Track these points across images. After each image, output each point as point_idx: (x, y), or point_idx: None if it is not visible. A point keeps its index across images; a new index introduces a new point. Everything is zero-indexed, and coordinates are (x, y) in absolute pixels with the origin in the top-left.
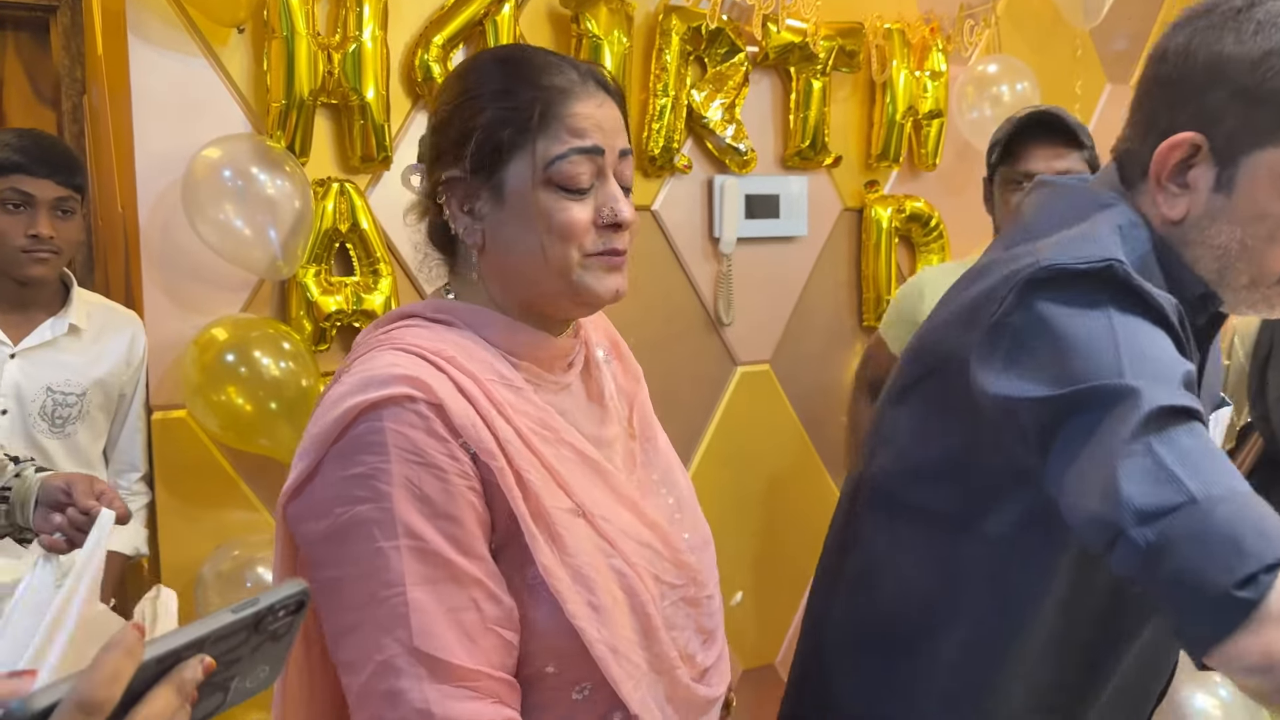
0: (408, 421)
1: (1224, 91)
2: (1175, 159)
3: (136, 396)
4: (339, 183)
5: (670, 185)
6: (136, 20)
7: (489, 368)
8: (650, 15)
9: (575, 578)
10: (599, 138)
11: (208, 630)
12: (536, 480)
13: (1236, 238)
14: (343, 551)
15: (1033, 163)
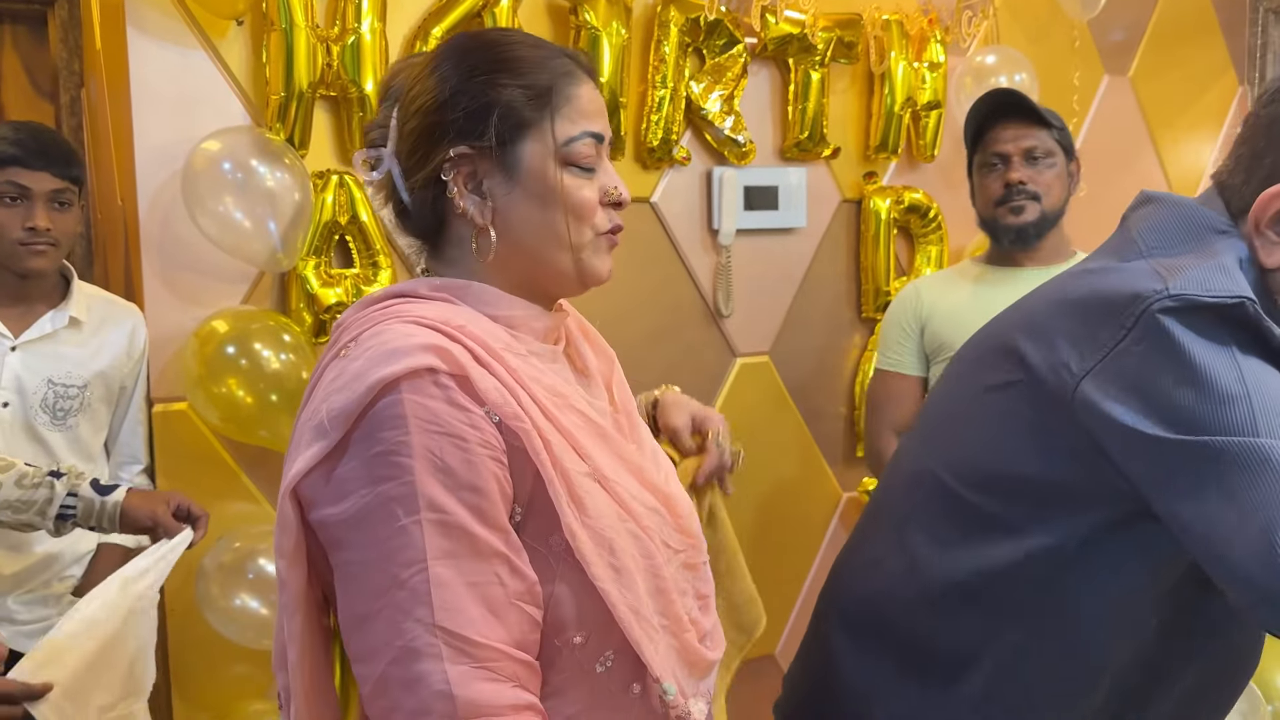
0: (427, 393)
1: None
2: (1274, 210)
3: (137, 389)
4: (338, 175)
5: (669, 177)
6: (135, 13)
7: (496, 337)
8: (649, 7)
9: (598, 540)
10: (601, 123)
11: None
12: (557, 444)
13: None
14: (366, 535)
15: (1001, 144)
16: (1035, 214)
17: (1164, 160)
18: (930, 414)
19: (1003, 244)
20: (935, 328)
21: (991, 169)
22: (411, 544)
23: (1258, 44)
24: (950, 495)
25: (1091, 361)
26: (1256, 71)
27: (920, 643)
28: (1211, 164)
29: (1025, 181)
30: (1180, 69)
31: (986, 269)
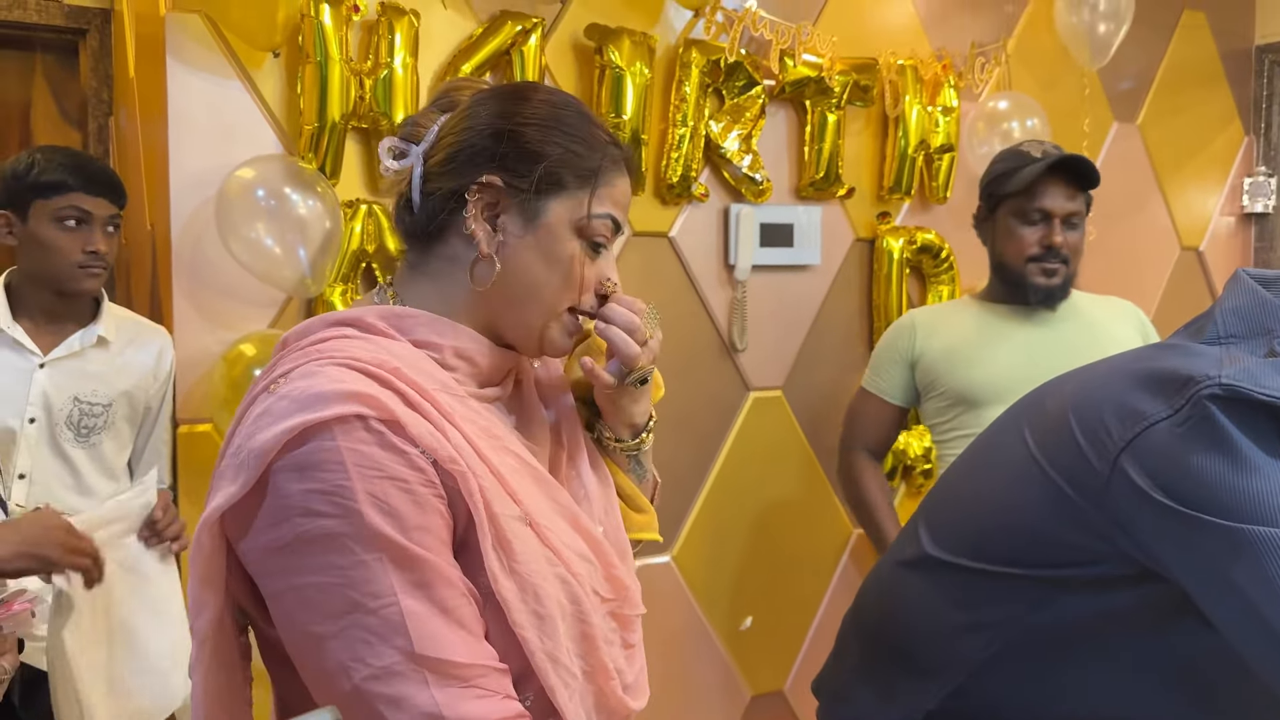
0: (361, 439)
1: None
2: None
3: (163, 410)
4: (367, 204)
5: (687, 213)
6: (175, 44)
7: (431, 378)
8: (671, 48)
9: (522, 586)
10: (624, 214)
11: None
12: (489, 487)
13: None
14: (309, 561)
15: (1050, 201)
16: (1063, 278)
17: (1171, 206)
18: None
19: (1029, 299)
20: (929, 363)
21: (1031, 223)
22: (374, 578)
23: (1263, 94)
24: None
25: (1131, 433)
26: (1262, 121)
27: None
28: (1218, 211)
29: (1063, 246)
30: (1187, 117)
31: (986, 307)
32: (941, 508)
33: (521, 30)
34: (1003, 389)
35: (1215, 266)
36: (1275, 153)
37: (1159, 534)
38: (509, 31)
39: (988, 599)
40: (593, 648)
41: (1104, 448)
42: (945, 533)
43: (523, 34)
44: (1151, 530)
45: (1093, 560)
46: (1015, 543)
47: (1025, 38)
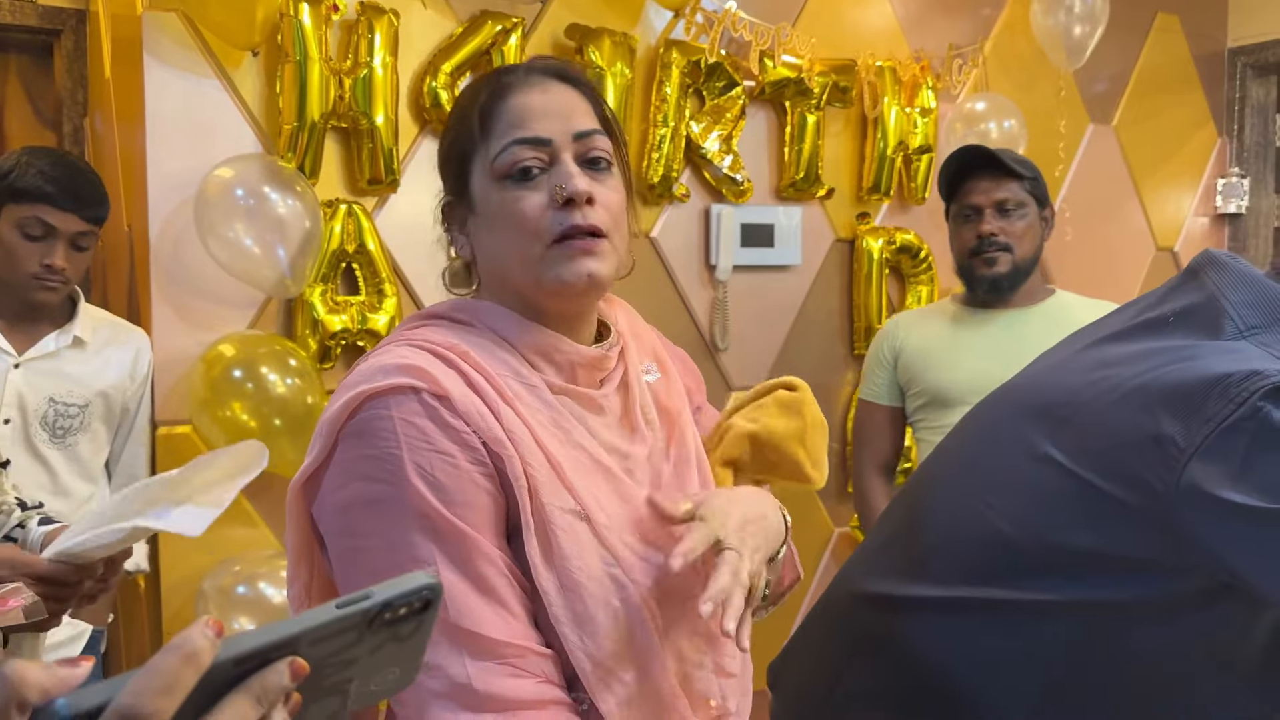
0: (413, 410)
1: None
2: None
3: (141, 411)
4: (347, 204)
5: (669, 213)
6: (152, 43)
7: (504, 365)
8: (651, 49)
9: (564, 580)
10: (543, 125)
11: (301, 629)
12: (540, 475)
13: None
14: (363, 523)
15: (974, 196)
16: (1008, 265)
17: (1146, 207)
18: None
19: (978, 293)
20: (906, 361)
21: (966, 220)
22: (416, 545)
23: (1236, 97)
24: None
25: (1198, 439)
26: (1235, 124)
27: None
28: (1193, 211)
29: (997, 233)
30: (1162, 119)
31: (963, 309)
32: (934, 537)
33: (502, 30)
34: (973, 388)
35: None
36: (1248, 154)
37: (1234, 538)
38: (489, 31)
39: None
40: (651, 661)
41: (1169, 457)
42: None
43: (503, 34)
44: (1226, 537)
45: (1157, 574)
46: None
47: (1002, 40)
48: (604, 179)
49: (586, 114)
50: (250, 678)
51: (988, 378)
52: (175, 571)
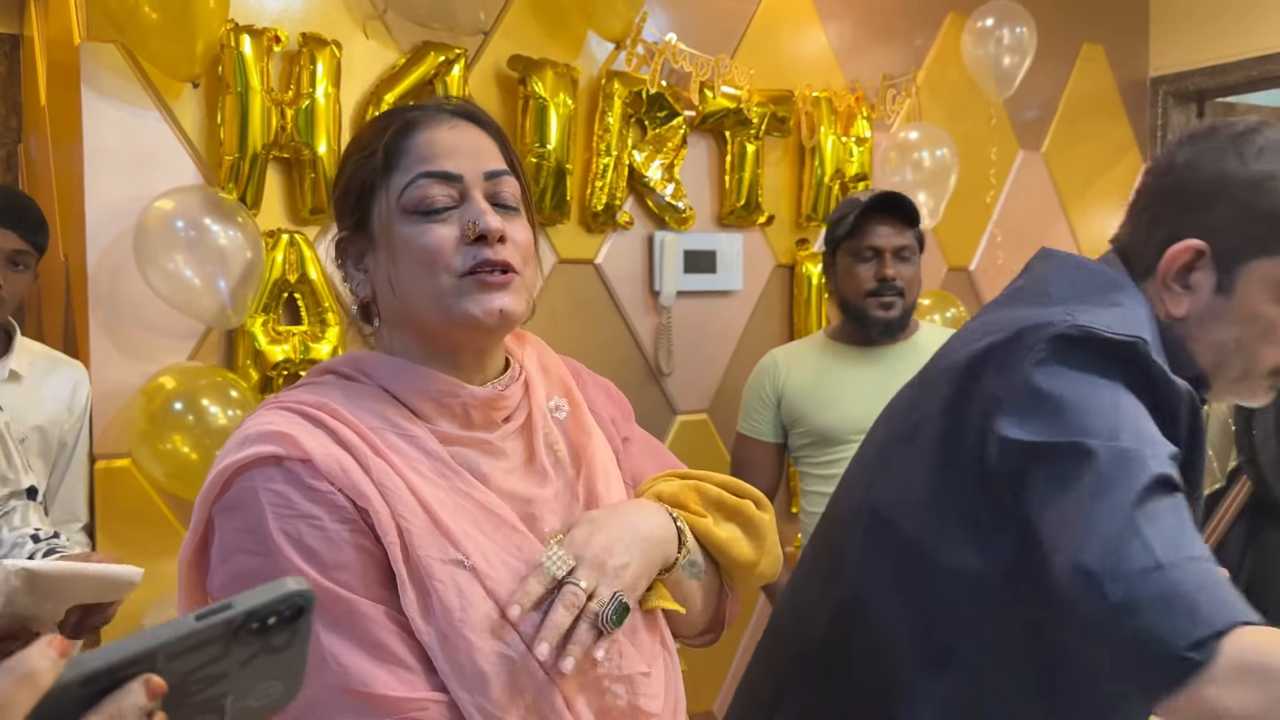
0: (277, 478)
1: (1226, 205)
2: (1180, 262)
3: (79, 446)
4: (289, 234)
5: (613, 240)
6: (90, 74)
7: (381, 418)
8: (594, 79)
9: (446, 634)
10: (452, 162)
11: (155, 643)
12: (416, 527)
13: (1234, 336)
14: None
15: (878, 239)
16: (900, 310)
17: (1075, 229)
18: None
19: (871, 333)
20: (790, 403)
21: (864, 260)
22: None
23: (1158, 124)
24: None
25: (1000, 385)
26: (1157, 149)
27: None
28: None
29: (896, 278)
30: (1088, 146)
31: (842, 347)
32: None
33: (444, 61)
34: (856, 427)
35: None
36: None
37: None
38: (432, 62)
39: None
40: (552, 708)
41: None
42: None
43: (445, 64)
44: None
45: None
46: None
47: (934, 70)
48: (515, 219)
49: (495, 155)
50: (102, 700)
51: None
52: None
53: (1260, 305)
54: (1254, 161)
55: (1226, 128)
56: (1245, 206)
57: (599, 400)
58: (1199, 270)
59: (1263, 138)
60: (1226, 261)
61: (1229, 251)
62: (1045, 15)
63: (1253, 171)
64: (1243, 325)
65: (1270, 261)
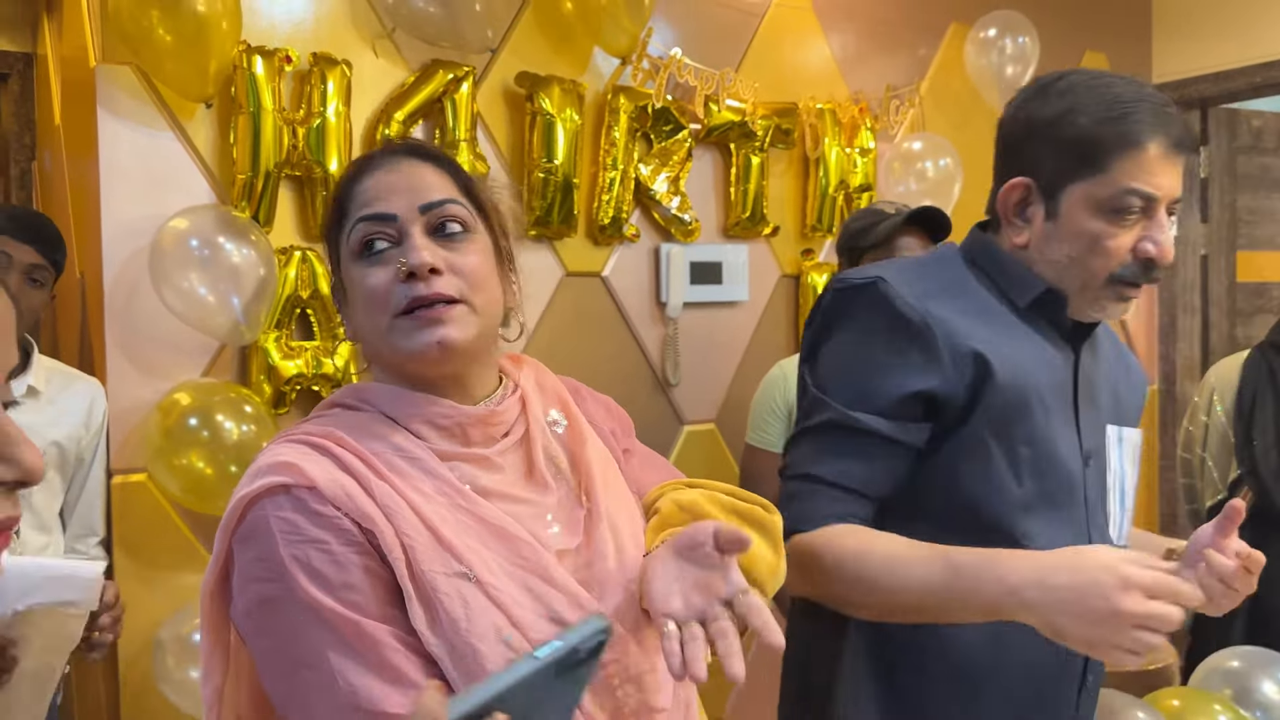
0: (287, 506)
1: (1039, 143)
2: (1014, 199)
3: (96, 461)
4: (301, 251)
5: (619, 253)
6: (106, 95)
7: (383, 441)
8: (600, 95)
9: (454, 647)
10: (387, 203)
11: (512, 681)
12: (419, 543)
13: (1066, 253)
14: (265, 623)
15: (908, 251)
16: None
17: None
18: None
19: None
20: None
21: None
22: (308, 639)
23: None
24: None
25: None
26: None
27: None
28: None
29: None
30: None
31: None
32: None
33: (453, 79)
34: None
35: None
36: None
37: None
38: (440, 80)
39: None
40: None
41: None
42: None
43: (454, 82)
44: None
45: None
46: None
47: (937, 80)
48: (459, 245)
49: (437, 186)
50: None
51: None
52: (132, 620)
53: (1083, 223)
54: (1056, 101)
55: (1037, 81)
56: (1053, 141)
57: (599, 415)
58: (1031, 204)
59: (1064, 82)
60: (1050, 190)
61: (1049, 182)
62: (1048, 24)
63: (1055, 109)
64: (1071, 243)
65: (1084, 183)
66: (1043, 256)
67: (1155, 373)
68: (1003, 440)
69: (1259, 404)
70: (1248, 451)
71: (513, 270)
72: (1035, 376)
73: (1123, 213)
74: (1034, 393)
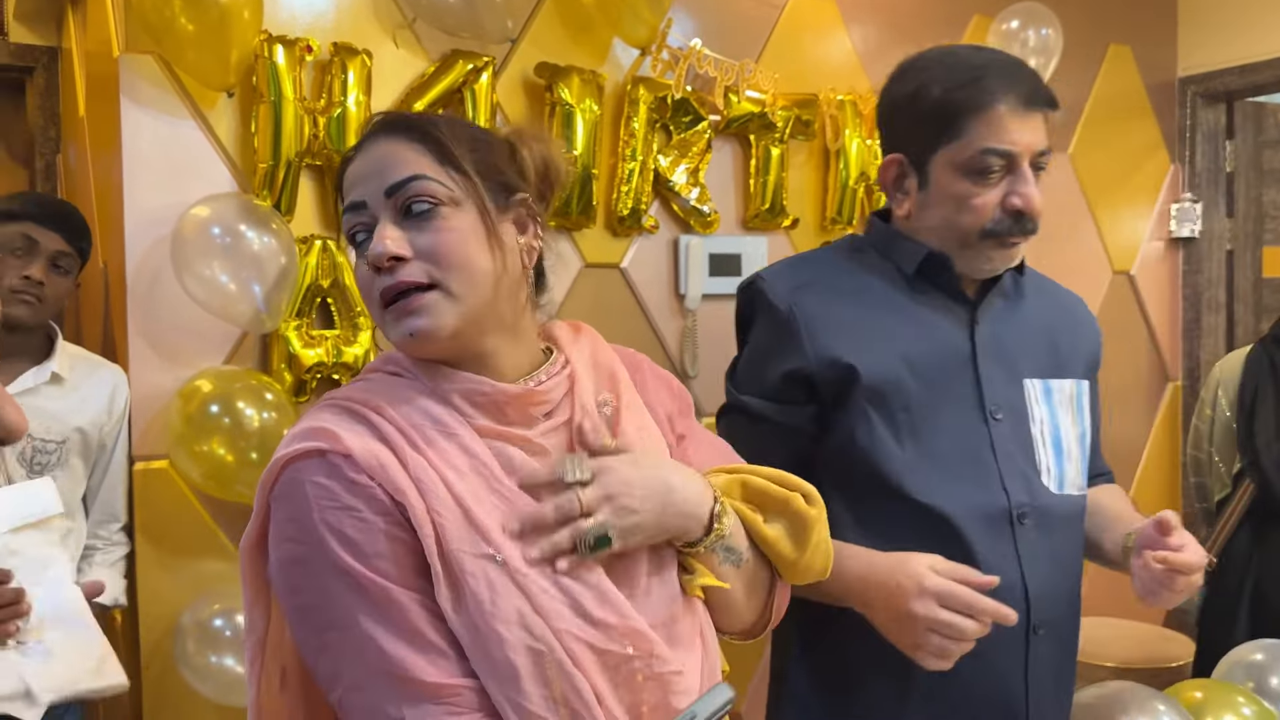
0: (321, 471)
1: (903, 120)
2: (891, 175)
3: (118, 447)
4: (321, 240)
5: (638, 245)
6: (129, 85)
7: (423, 413)
8: (619, 85)
9: (475, 627)
10: (357, 191)
11: None
12: (449, 521)
13: (941, 217)
14: (297, 581)
15: None
16: None
17: (1102, 231)
18: None
19: None
20: None
21: None
22: (340, 600)
23: (1187, 124)
24: None
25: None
26: (1187, 150)
27: None
28: (1147, 236)
29: None
30: (1116, 147)
31: None
32: None
33: (473, 69)
34: None
35: (1146, 289)
36: (1200, 180)
37: None
38: (460, 70)
39: None
40: (580, 707)
41: None
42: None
43: (474, 73)
44: None
45: None
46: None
47: None
48: (427, 224)
49: (406, 162)
50: None
51: None
52: (153, 606)
53: (950, 186)
54: (912, 78)
55: (901, 65)
56: (914, 115)
57: (660, 395)
58: (907, 177)
59: (920, 60)
60: (918, 162)
61: (917, 154)
62: (1071, 16)
63: (912, 86)
64: (943, 206)
65: (945, 149)
66: (923, 224)
67: (1179, 369)
68: (880, 408)
69: (1260, 397)
70: (1250, 444)
71: (538, 226)
72: (914, 347)
73: (985, 172)
74: (907, 364)
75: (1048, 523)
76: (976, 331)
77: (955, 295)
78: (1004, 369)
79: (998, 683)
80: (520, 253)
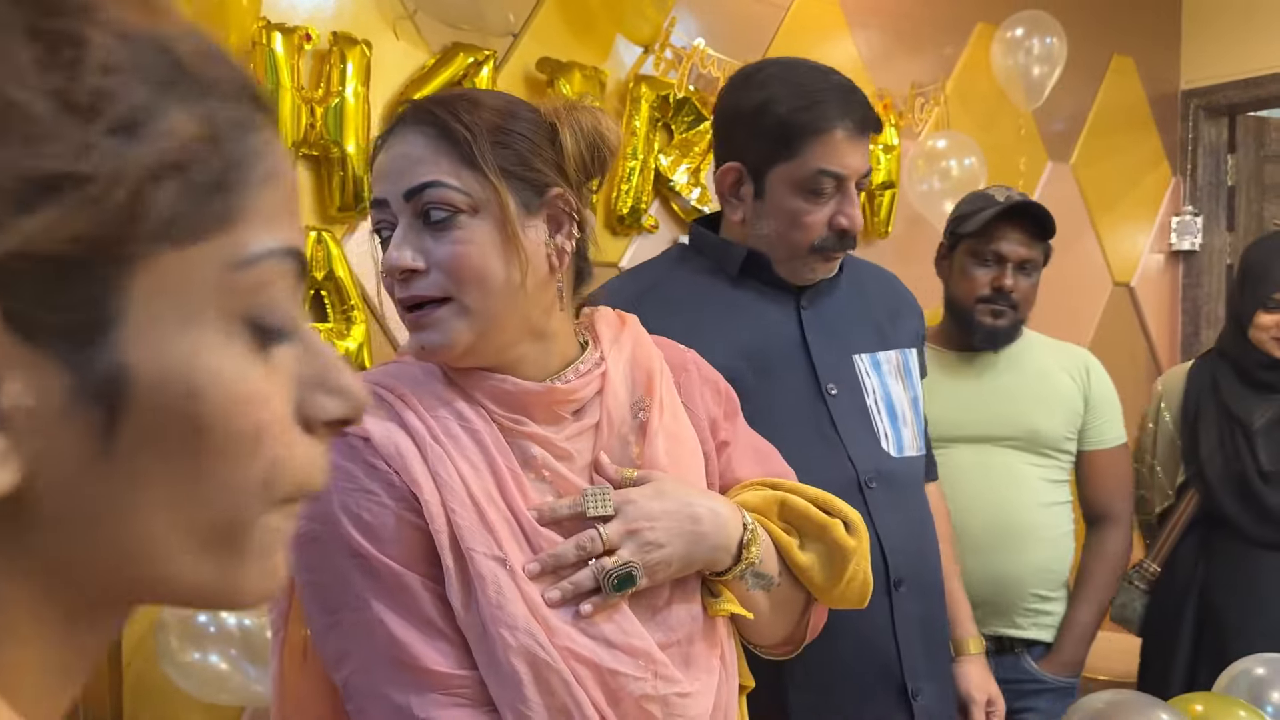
0: (342, 453)
1: (743, 131)
2: (727, 182)
3: None
4: (316, 231)
5: (638, 243)
6: None
7: (446, 405)
8: (621, 83)
9: (484, 628)
10: (380, 186)
11: None
12: (464, 519)
13: (773, 228)
14: (310, 559)
15: (1004, 245)
16: (1009, 321)
17: (1103, 242)
18: None
19: (973, 340)
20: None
21: (985, 264)
22: (352, 582)
23: (1189, 137)
24: None
25: None
26: (1188, 163)
27: None
28: (1148, 248)
29: (1013, 290)
30: (1118, 159)
31: (933, 349)
32: None
33: (474, 62)
34: (948, 435)
35: (1146, 301)
36: (1201, 193)
37: None
38: (461, 63)
39: None
40: (580, 712)
41: None
42: None
43: (474, 66)
44: None
45: None
46: None
47: (963, 79)
48: (445, 234)
49: (426, 164)
50: None
51: (961, 423)
52: None
53: (784, 201)
54: (757, 92)
55: (741, 71)
56: (755, 128)
57: (705, 398)
58: (743, 185)
59: (764, 73)
60: (756, 173)
61: (756, 166)
62: (1076, 26)
63: (756, 100)
64: (776, 219)
65: (783, 166)
66: (755, 231)
67: None
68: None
69: (1202, 409)
70: (1194, 455)
71: (575, 222)
72: (748, 338)
73: (818, 192)
74: (744, 357)
75: (894, 484)
76: (804, 316)
77: (780, 286)
78: (833, 347)
79: (869, 643)
80: (550, 254)
